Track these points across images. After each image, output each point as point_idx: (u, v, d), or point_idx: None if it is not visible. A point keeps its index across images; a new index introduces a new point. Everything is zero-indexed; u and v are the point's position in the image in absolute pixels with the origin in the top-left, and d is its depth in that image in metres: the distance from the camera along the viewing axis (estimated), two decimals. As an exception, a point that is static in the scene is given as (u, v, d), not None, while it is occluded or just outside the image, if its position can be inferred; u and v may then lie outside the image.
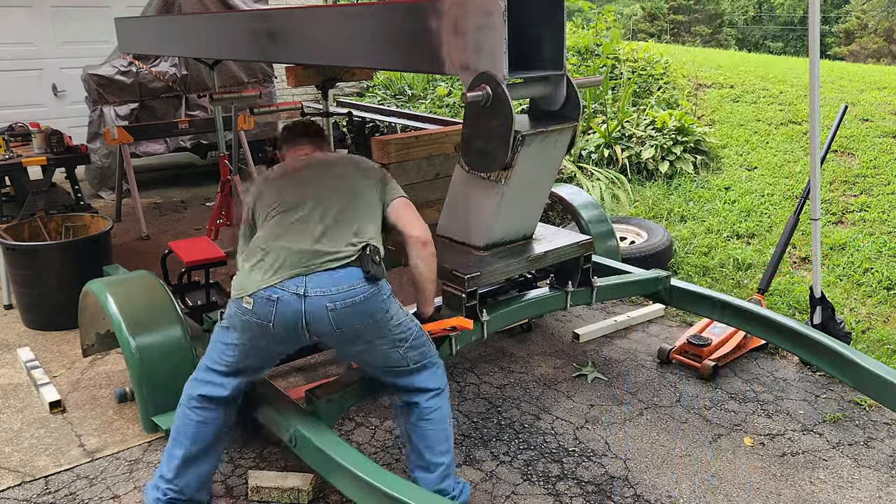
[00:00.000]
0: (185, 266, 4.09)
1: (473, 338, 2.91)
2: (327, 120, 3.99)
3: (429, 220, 3.31)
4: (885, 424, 3.20)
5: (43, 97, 7.84)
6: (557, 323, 4.26)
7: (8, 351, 4.03)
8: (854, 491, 2.79)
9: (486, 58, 2.48)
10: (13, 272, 4.33)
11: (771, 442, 3.09)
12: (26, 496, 2.82)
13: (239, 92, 6.01)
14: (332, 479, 2.43)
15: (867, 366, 2.81)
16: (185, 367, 2.88)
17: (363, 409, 3.36)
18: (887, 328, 3.96)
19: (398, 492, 2.18)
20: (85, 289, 3.14)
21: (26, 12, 7.62)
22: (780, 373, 3.65)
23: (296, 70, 3.65)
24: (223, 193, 5.55)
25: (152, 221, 6.40)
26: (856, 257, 4.68)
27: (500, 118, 2.52)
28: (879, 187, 5.57)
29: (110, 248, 4.54)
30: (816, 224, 3.64)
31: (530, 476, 2.89)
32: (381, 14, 2.86)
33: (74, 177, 5.38)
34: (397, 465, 2.96)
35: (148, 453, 3.07)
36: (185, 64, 7.16)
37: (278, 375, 3.65)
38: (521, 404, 3.41)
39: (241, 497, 2.79)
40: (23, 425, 3.30)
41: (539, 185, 3.00)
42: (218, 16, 5.11)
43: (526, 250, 3.05)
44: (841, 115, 4.10)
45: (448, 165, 3.21)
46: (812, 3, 3.31)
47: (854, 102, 7.18)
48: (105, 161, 7.03)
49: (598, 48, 8.33)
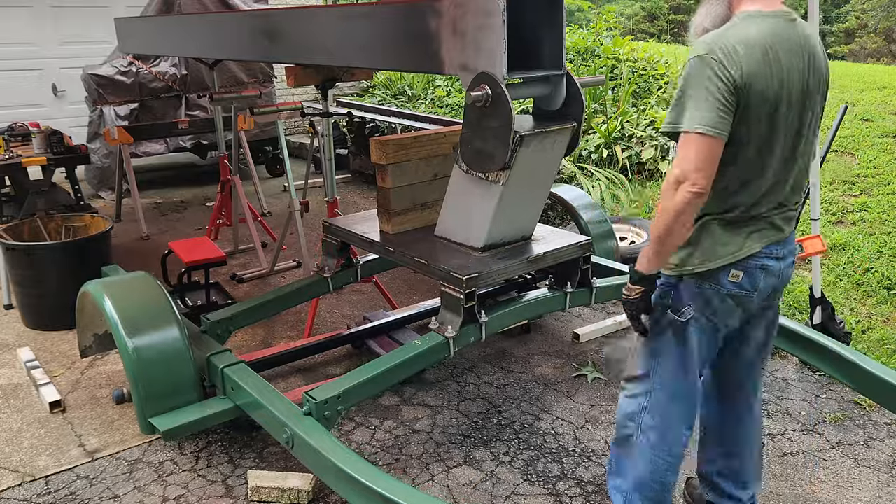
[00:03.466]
0: (185, 266, 4.10)
1: (472, 339, 2.91)
2: (327, 120, 3.98)
3: (427, 221, 3.33)
4: (885, 424, 3.20)
5: (43, 97, 7.84)
6: (557, 323, 4.26)
7: (8, 351, 4.03)
8: (854, 491, 2.78)
9: (485, 58, 2.48)
10: (13, 272, 4.33)
11: (771, 442, 3.09)
12: (26, 496, 2.82)
13: (239, 92, 6.02)
14: (328, 481, 2.43)
15: (867, 366, 2.81)
16: (182, 369, 2.88)
17: (363, 409, 3.36)
18: (887, 328, 3.95)
19: (394, 494, 2.17)
20: (83, 290, 3.14)
21: (26, 12, 7.63)
22: (780, 373, 3.65)
23: (296, 70, 3.64)
24: (223, 193, 5.55)
25: (152, 221, 6.41)
26: (856, 257, 4.68)
27: (499, 118, 2.52)
28: (879, 187, 5.57)
29: (110, 248, 4.54)
30: (816, 224, 3.64)
31: (530, 476, 2.89)
32: (381, 14, 2.86)
33: (74, 177, 5.38)
34: (397, 466, 2.97)
35: (148, 453, 3.07)
36: (185, 64, 7.16)
37: (278, 377, 3.65)
38: (521, 404, 3.41)
39: (241, 497, 2.79)
40: (23, 425, 3.30)
41: (538, 185, 3.00)
42: (218, 16, 5.11)
43: (525, 251, 3.04)
44: (841, 115, 4.09)
45: (447, 166, 3.20)
46: (811, 2, 3.31)
47: (854, 102, 7.18)
48: (105, 161, 7.03)
49: (598, 48, 8.33)
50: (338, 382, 2.68)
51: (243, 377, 2.86)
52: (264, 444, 3.11)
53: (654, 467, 2.27)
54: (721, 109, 1.91)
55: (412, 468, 2.95)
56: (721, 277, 2.10)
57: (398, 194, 3.24)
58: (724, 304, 2.14)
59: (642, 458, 2.29)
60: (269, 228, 5.79)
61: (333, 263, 3.61)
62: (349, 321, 4.21)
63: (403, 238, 3.23)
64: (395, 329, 3.85)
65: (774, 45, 1.97)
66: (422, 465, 2.97)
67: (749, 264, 2.10)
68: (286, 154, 5.10)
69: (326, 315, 4.42)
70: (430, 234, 3.19)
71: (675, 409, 2.25)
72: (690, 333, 2.17)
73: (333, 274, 3.61)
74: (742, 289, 2.12)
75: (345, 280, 3.70)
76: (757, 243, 2.10)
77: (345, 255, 3.63)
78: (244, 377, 2.86)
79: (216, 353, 3.05)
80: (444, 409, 3.37)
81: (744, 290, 2.12)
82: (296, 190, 4.84)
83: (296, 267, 5.19)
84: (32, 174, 4.89)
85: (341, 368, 3.74)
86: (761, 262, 2.11)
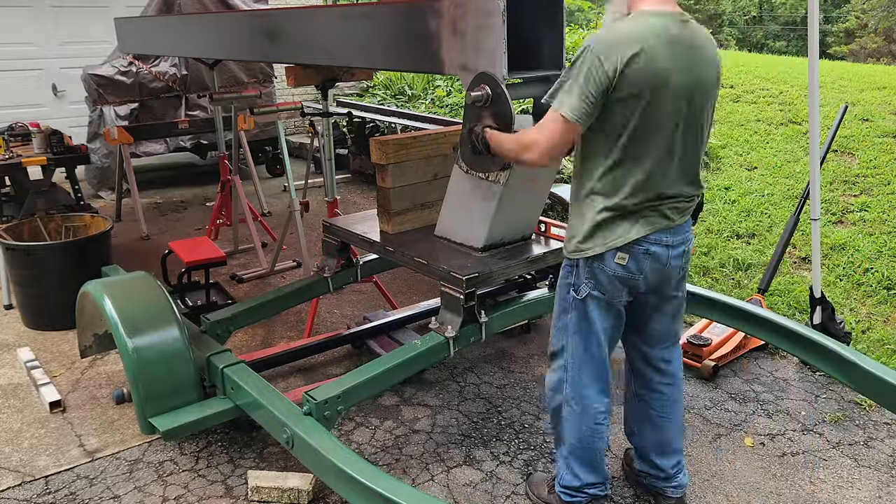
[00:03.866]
0: (185, 266, 4.10)
1: (472, 339, 2.91)
2: (327, 120, 3.98)
3: (427, 221, 3.33)
4: (885, 424, 3.20)
5: (43, 97, 7.85)
6: (557, 323, 4.26)
7: (8, 351, 4.03)
8: (854, 491, 2.79)
9: (485, 58, 2.48)
10: (13, 272, 4.33)
11: (771, 442, 3.09)
12: (26, 496, 2.82)
13: (239, 92, 6.01)
14: (328, 481, 2.43)
15: (867, 366, 2.80)
16: (182, 369, 2.88)
17: (363, 409, 3.36)
18: (887, 328, 3.96)
19: (394, 494, 2.17)
20: (82, 290, 3.14)
21: (26, 12, 7.63)
22: (780, 373, 3.65)
23: (296, 70, 3.64)
24: (223, 193, 5.55)
25: (152, 221, 6.41)
26: (856, 257, 4.68)
27: (499, 118, 2.52)
28: (879, 187, 5.57)
29: (110, 248, 4.54)
30: (816, 224, 3.64)
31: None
32: (381, 14, 2.86)
33: (74, 177, 5.38)
34: (397, 466, 2.97)
35: (148, 453, 3.07)
36: (185, 64, 7.16)
37: (278, 377, 3.65)
38: (521, 404, 3.41)
39: (241, 497, 2.79)
40: (23, 425, 3.30)
41: (538, 185, 3.00)
42: (218, 16, 5.12)
43: (525, 251, 3.04)
44: (841, 115, 4.10)
45: (447, 166, 3.20)
46: (812, 2, 3.31)
47: (854, 102, 7.18)
48: (105, 161, 7.03)
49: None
50: (338, 382, 2.68)
51: (243, 377, 2.86)
52: (264, 444, 3.11)
53: (581, 434, 2.50)
54: (587, 101, 2.12)
55: (412, 468, 2.95)
56: (608, 260, 2.29)
57: (398, 194, 3.24)
58: (612, 285, 2.34)
59: (570, 427, 2.52)
60: (269, 228, 5.79)
61: (333, 263, 3.61)
62: (349, 321, 4.21)
63: (403, 238, 3.23)
64: (395, 329, 3.85)
65: (659, 42, 2.11)
66: (422, 465, 2.97)
67: (634, 249, 2.28)
68: (286, 154, 5.10)
69: (326, 315, 4.42)
70: (430, 234, 3.19)
71: (587, 378, 2.46)
72: (590, 308, 2.38)
73: (333, 274, 3.61)
74: (629, 271, 2.30)
75: (345, 280, 3.70)
76: (643, 230, 2.27)
77: (345, 255, 3.63)
78: (244, 377, 2.86)
79: (216, 353, 3.05)
80: (444, 409, 3.37)
81: (630, 272, 2.31)
82: (296, 190, 4.84)
83: (296, 267, 5.19)
84: (32, 174, 4.89)
85: (341, 368, 3.74)
86: (646, 247, 2.28)
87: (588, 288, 2.35)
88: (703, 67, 2.20)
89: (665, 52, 2.11)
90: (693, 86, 2.18)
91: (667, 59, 2.11)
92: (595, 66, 2.09)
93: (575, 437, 2.51)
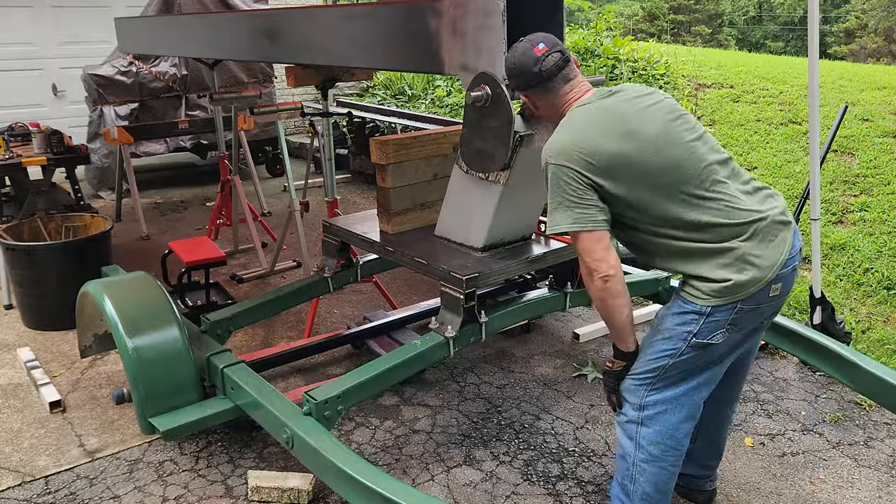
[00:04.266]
0: (185, 266, 4.10)
1: (472, 339, 2.91)
2: (327, 120, 3.98)
3: (427, 221, 3.33)
4: (885, 424, 3.20)
5: (43, 97, 7.85)
6: (557, 323, 4.26)
7: (8, 351, 4.03)
8: (854, 491, 2.79)
9: (485, 58, 2.48)
10: (13, 272, 4.33)
11: (771, 442, 3.09)
12: (26, 496, 2.82)
13: (239, 92, 6.01)
14: (328, 481, 2.43)
15: (867, 366, 2.81)
16: (182, 369, 2.88)
17: (363, 409, 3.36)
18: (887, 328, 3.96)
19: (394, 494, 2.17)
20: (82, 290, 3.14)
21: (26, 12, 7.63)
22: (780, 373, 3.65)
23: (296, 70, 3.64)
24: (223, 193, 5.55)
25: (152, 221, 6.41)
26: (856, 257, 4.68)
27: (499, 118, 2.52)
28: (879, 187, 5.56)
29: (110, 248, 4.54)
30: (816, 224, 3.64)
31: (530, 476, 2.89)
32: (381, 14, 2.86)
33: (74, 177, 5.39)
34: (397, 466, 2.97)
35: (148, 453, 3.07)
36: (185, 64, 7.16)
37: (278, 377, 3.65)
38: (521, 404, 3.41)
39: (241, 497, 2.79)
40: (23, 425, 3.30)
41: (538, 185, 2.99)
42: (218, 16, 5.12)
43: (525, 251, 3.04)
44: (841, 115, 4.10)
45: (447, 166, 3.20)
46: (811, 2, 3.31)
47: (854, 102, 7.18)
48: (105, 161, 7.03)
49: (599, 48, 8.33)
50: (338, 382, 2.68)
51: (243, 377, 2.86)
52: (264, 444, 3.11)
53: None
54: (588, 206, 2.09)
55: (412, 468, 2.95)
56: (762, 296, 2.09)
57: (398, 194, 3.24)
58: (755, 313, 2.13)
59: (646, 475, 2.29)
60: (269, 228, 5.79)
61: (333, 263, 3.61)
62: (349, 321, 4.21)
63: (403, 238, 3.23)
64: (395, 329, 3.85)
65: (609, 121, 2.13)
66: (422, 465, 2.97)
67: (783, 272, 2.10)
68: (286, 154, 5.10)
69: (326, 315, 4.42)
70: (430, 234, 3.19)
71: (686, 427, 2.27)
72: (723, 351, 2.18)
73: (333, 274, 3.61)
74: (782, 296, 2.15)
75: (345, 280, 3.70)
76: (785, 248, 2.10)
77: (345, 255, 3.63)
78: (244, 377, 2.86)
79: (216, 353, 3.04)
80: (444, 409, 3.37)
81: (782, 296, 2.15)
82: (296, 190, 4.84)
83: (296, 267, 5.20)
84: (32, 174, 4.89)
85: (341, 368, 3.74)
86: (793, 264, 2.14)
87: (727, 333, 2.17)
88: (646, 112, 2.16)
89: (624, 120, 2.12)
90: (650, 134, 2.11)
91: (630, 124, 2.11)
92: (573, 175, 2.08)
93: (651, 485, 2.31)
